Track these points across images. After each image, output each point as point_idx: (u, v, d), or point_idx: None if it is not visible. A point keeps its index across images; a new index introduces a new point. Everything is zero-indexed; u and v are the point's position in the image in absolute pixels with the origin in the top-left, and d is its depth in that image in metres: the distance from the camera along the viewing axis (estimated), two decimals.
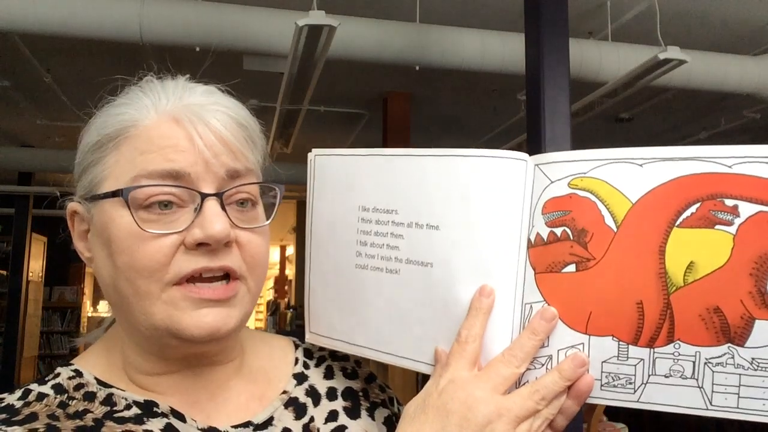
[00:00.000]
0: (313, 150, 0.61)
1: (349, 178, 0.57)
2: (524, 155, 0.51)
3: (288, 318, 10.37)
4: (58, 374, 0.58)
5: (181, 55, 3.23)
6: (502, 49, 4.26)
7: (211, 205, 0.53)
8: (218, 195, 0.54)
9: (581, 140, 6.72)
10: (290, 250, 12.80)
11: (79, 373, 0.58)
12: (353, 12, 4.14)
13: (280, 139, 5.66)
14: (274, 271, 14.60)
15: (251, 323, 16.43)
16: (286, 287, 12.98)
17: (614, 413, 3.94)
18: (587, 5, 4.29)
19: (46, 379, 0.57)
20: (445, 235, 0.52)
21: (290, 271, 12.78)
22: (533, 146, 2.94)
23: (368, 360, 0.62)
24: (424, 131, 6.95)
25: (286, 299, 12.45)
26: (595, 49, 4.33)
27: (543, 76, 2.93)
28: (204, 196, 0.53)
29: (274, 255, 14.38)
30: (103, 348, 0.61)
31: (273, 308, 11.86)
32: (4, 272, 7.52)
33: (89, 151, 0.57)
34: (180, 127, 0.54)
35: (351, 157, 0.57)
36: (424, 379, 0.56)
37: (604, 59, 4.31)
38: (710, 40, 4.64)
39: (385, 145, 6.25)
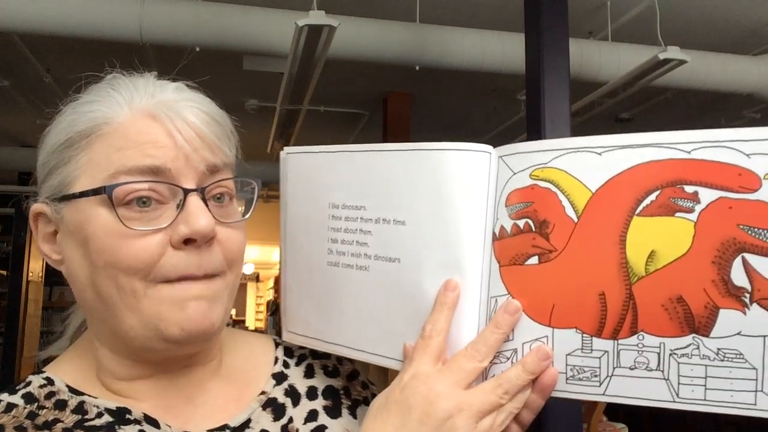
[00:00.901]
0: (285, 148, 0.60)
1: (320, 176, 0.57)
2: (488, 147, 0.51)
3: None
4: (29, 383, 0.56)
5: (181, 55, 3.23)
6: (502, 49, 4.25)
7: (194, 201, 0.52)
8: (200, 190, 0.53)
9: None
10: None
11: (50, 381, 0.56)
12: (353, 12, 4.14)
13: (280, 139, 5.65)
14: (274, 271, 14.60)
15: (251, 324, 16.43)
16: None
17: (614, 413, 3.93)
18: (587, 5, 4.29)
19: (17, 387, 0.55)
20: (411, 230, 0.52)
21: None
22: None
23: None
24: (424, 131, 6.95)
25: None
26: (595, 49, 4.33)
27: (543, 76, 2.93)
28: (186, 192, 0.52)
29: (274, 255, 14.38)
30: (76, 354, 0.60)
31: (273, 308, 11.87)
32: (4, 272, 7.52)
33: (56, 150, 0.55)
34: (158, 123, 0.53)
35: (321, 154, 0.57)
36: None
37: (604, 59, 4.31)
38: (710, 40, 4.64)
39: None
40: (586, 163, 0.47)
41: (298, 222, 0.61)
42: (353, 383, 0.69)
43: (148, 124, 0.53)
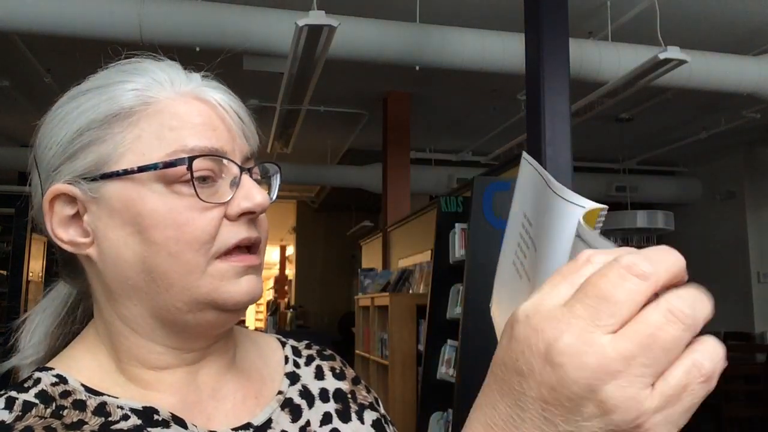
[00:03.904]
0: (524, 152, 0.65)
1: (527, 186, 0.62)
2: (585, 203, 0.54)
3: (288, 318, 10.38)
4: (38, 380, 0.52)
5: (181, 55, 3.24)
6: (502, 49, 4.26)
7: (248, 179, 0.55)
8: (249, 170, 0.56)
9: (581, 140, 6.72)
10: (290, 250, 12.81)
11: (62, 379, 0.53)
12: (353, 12, 4.15)
13: (280, 139, 5.66)
14: (274, 271, 14.59)
15: (251, 324, 16.42)
16: (286, 287, 12.98)
17: None
18: (587, 5, 4.30)
19: (26, 385, 0.52)
20: (535, 256, 0.56)
21: (290, 271, 12.78)
22: (533, 146, 2.94)
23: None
24: (424, 131, 6.95)
25: (286, 299, 12.45)
26: (595, 49, 4.34)
27: (543, 76, 2.93)
28: (242, 171, 0.55)
29: (274, 255, 14.39)
30: (84, 349, 0.57)
31: (273, 308, 11.87)
32: (4, 272, 7.52)
33: (92, 128, 0.53)
34: (207, 106, 0.55)
35: (526, 163, 0.63)
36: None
37: (604, 59, 4.31)
38: (710, 40, 4.64)
39: (384, 145, 6.25)
40: None
41: (513, 218, 0.66)
42: (358, 387, 0.68)
43: (198, 106, 0.54)
